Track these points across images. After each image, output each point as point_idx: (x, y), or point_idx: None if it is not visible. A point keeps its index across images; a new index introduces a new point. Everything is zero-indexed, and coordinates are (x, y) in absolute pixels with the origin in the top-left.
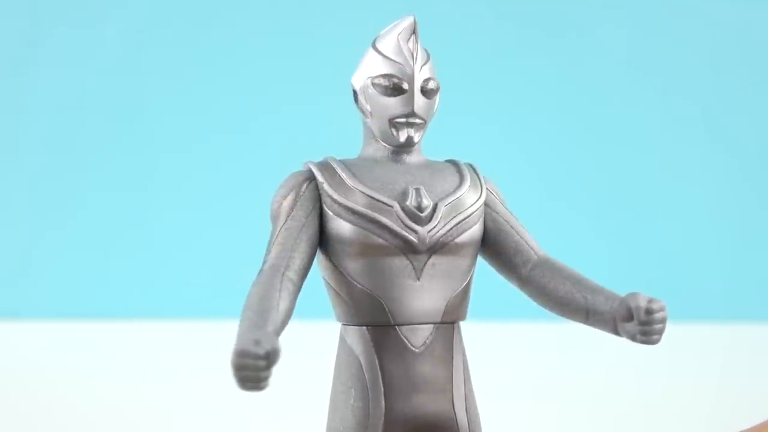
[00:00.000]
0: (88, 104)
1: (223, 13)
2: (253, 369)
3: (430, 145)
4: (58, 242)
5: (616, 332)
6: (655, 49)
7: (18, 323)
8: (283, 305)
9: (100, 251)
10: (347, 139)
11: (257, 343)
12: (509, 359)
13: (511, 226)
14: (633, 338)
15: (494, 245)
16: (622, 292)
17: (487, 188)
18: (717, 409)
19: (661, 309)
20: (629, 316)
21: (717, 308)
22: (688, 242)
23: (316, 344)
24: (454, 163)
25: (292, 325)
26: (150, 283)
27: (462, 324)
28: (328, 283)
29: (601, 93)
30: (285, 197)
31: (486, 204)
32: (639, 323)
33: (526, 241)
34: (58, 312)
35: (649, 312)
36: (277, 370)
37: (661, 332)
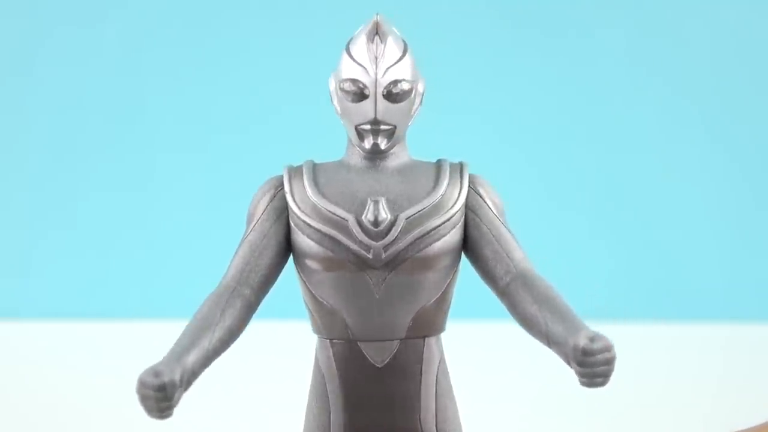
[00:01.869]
0: (89, 104)
1: (224, 14)
2: (153, 399)
3: (429, 145)
4: (58, 242)
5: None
6: (655, 49)
7: (18, 323)
8: (224, 324)
9: (100, 251)
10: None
11: (157, 374)
12: (507, 359)
13: (493, 235)
14: (578, 380)
15: (474, 252)
16: (622, 292)
17: (478, 193)
18: (716, 409)
19: (605, 349)
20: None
21: (717, 308)
22: (688, 242)
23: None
24: (437, 165)
25: (291, 325)
26: (150, 283)
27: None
28: (301, 295)
29: (601, 93)
30: (256, 206)
31: (470, 209)
32: (577, 364)
33: (507, 253)
34: (58, 312)
35: (586, 353)
36: (281, 371)
37: (605, 375)
